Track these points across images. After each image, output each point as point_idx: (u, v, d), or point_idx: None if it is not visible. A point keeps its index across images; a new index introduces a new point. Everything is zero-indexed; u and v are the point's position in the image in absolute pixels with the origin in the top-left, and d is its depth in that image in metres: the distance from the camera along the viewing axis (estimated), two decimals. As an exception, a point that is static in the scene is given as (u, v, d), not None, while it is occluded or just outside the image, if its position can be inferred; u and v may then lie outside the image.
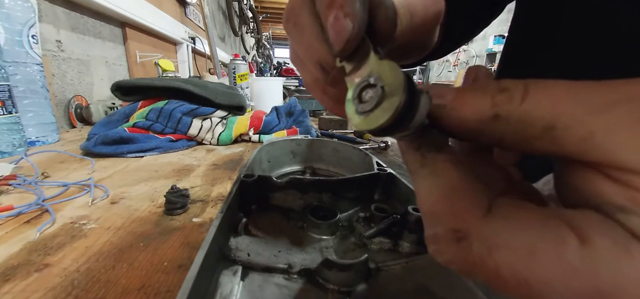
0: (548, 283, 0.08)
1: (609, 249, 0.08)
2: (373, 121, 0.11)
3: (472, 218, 0.10)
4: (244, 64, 1.23)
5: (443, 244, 0.10)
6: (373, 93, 0.11)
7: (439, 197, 0.10)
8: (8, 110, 0.55)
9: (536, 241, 0.08)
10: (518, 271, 0.09)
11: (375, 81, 0.11)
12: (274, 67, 5.47)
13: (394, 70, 0.11)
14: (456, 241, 0.10)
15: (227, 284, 0.20)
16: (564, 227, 0.08)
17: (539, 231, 0.09)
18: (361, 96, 0.11)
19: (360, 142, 0.82)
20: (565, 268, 0.08)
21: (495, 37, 4.98)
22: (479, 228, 0.09)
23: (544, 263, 0.08)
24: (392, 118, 0.10)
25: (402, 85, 0.10)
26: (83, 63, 1.02)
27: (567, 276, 0.08)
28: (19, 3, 0.61)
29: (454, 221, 0.10)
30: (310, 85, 0.17)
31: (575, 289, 0.08)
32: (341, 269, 0.21)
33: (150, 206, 0.38)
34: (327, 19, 0.13)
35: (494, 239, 0.09)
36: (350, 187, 0.33)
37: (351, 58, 0.13)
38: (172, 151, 0.67)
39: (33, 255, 0.27)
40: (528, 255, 0.08)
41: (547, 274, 0.08)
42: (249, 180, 0.29)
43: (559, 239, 0.08)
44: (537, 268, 0.08)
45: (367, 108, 0.11)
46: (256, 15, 4.01)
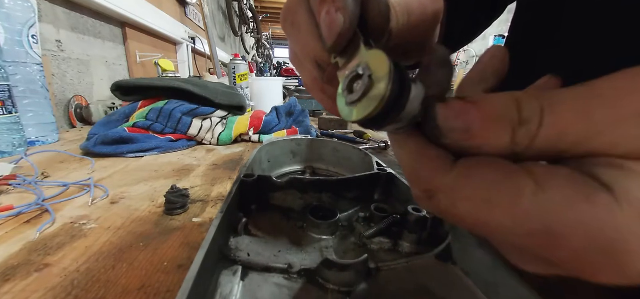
0: (504, 225, 0.09)
1: (563, 193, 0.09)
2: (360, 111, 0.10)
3: (436, 179, 0.11)
4: (244, 64, 1.23)
5: (421, 201, 0.12)
6: (361, 83, 0.11)
7: (407, 166, 0.12)
8: (8, 110, 0.55)
9: (492, 192, 0.09)
10: (478, 218, 0.10)
11: (363, 71, 0.11)
12: (274, 67, 5.47)
13: (380, 57, 0.10)
14: (428, 198, 0.11)
15: (227, 284, 0.20)
16: (523, 176, 0.09)
17: (497, 182, 0.09)
18: (351, 87, 0.11)
19: (360, 142, 0.82)
20: (518, 212, 0.09)
21: (495, 37, 4.98)
22: (443, 186, 0.11)
23: (499, 210, 0.09)
24: (378, 108, 0.10)
25: (388, 72, 0.10)
26: (83, 63, 1.02)
27: (520, 219, 0.09)
28: (19, 3, 0.61)
29: (423, 183, 0.11)
30: (309, 85, 0.17)
31: (527, 229, 0.09)
32: (341, 269, 0.21)
33: (150, 206, 0.38)
34: (320, 15, 0.13)
35: (456, 193, 0.10)
36: (350, 187, 0.33)
37: (344, 53, 0.13)
38: (172, 151, 0.67)
39: (33, 255, 0.27)
40: (485, 205, 0.10)
41: (502, 219, 0.09)
42: (249, 180, 0.29)
43: (515, 188, 0.09)
44: (493, 214, 0.09)
45: (355, 98, 0.11)
46: (256, 15, 4.01)
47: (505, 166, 0.10)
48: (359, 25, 0.13)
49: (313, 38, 0.14)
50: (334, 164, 0.47)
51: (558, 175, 0.09)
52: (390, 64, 0.10)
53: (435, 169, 0.11)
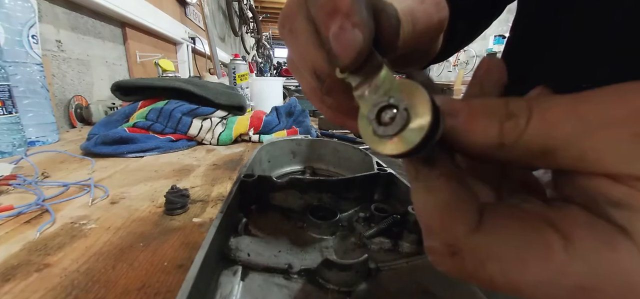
0: (538, 285, 0.09)
1: (590, 245, 0.08)
2: (399, 145, 0.10)
3: (463, 234, 0.10)
4: (244, 64, 1.23)
5: (439, 256, 0.11)
6: (395, 115, 0.10)
7: (431, 213, 0.11)
8: (8, 110, 0.55)
9: (524, 249, 0.09)
10: (510, 278, 0.09)
11: (396, 102, 0.10)
12: (274, 67, 5.47)
13: (417, 90, 0.10)
14: (450, 255, 0.10)
15: (227, 284, 0.20)
16: (548, 230, 0.09)
17: (526, 239, 0.09)
18: (380, 117, 0.11)
19: (360, 142, 0.82)
20: (552, 270, 0.09)
21: (495, 37, 4.98)
22: (470, 243, 0.10)
23: (532, 268, 0.09)
24: (420, 143, 0.09)
25: (430, 108, 0.09)
26: (83, 63, 1.02)
27: (555, 277, 0.09)
28: (19, 3, 0.61)
29: (446, 236, 0.10)
30: (308, 93, 0.17)
31: (563, 288, 0.09)
32: (341, 269, 0.21)
33: (150, 206, 0.38)
34: (329, 28, 0.12)
35: (485, 252, 0.10)
36: (350, 187, 0.33)
37: (357, 71, 0.12)
38: (172, 151, 0.67)
39: (33, 255, 0.27)
40: (518, 263, 0.09)
41: (537, 278, 0.09)
42: (249, 180, 0.29)
43: (545, 244, 0.09)
44: (527, 273, 0.09)
45: (390, 132, 0.10)
46: (256, 15, 4.01)
47: (530, 219, 0.10)
48: None
49: (312, 47, 0.13)
50: (334, 164, 0.47)
51: (579, 223, 0.09)
52: (430, 98, 0.09)
53: (463, 222, 0.10)
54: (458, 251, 0.10)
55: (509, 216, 0.10)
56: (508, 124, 0.09)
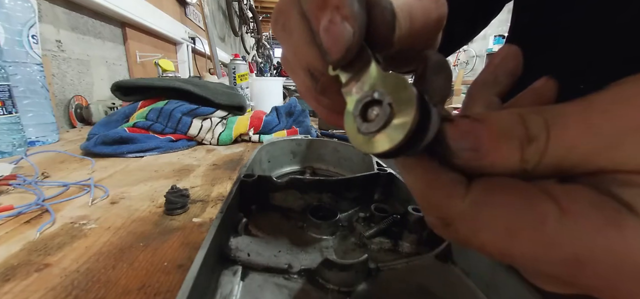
0: (529, 255, 0.09)
1: (592, 219, 0.08)
2: (383, 143, 0.09)
3: (451, 206, 0.10)
4: (244, 64, 1.23)
5: (437, 228, 0.11)
6: (379, 111, 0.10)
7: (419, 193, 0.11)
8: (8, 110, 0.55)
9: (514, 220, 0.09)
10: (501, 247, 0.09)
11: (380, 97, 0.10)
12: (274, 67, 5.47)
13: (402, 85, 0.09)
14: (445, 226, 0.11)
15: (227, 284, 0.20)
16: (545, 201, 0.09)
17: (518, 209, 0.09)
18: (365, 113, 0.10)
19: (360, 142, 0.82)
20: (544, 241, 0.09)
21: (495, 37, 4.98)
22: (460, 214, 0.10)
23: (523, 239, 0.09)
24: (402, 141, 0.09)
25: (414, 103, 0.09)
26: (83, 63, 1.02)
27: (546, 248, 0.09)
28: (19, 3, 0.61)
29: (437, 211, 0.11)
30: (303, 92, 0.16)
31: (555, 258, 0.09)
32: (341, 269, 0.21)
33: (150, 206, 0.38)
34: (319, 22, 0.11)
35: (476, 222, 0.10)
36: (350, 187, 0.33)
37: (348, 67, 0.12)
38: (172, 151, 0.67)
39: (33, 255, 0.27)
40: (508, 234, 0.09)
41: (527, 249, 0.09)
42: (249, 180, 0.29)
43: (538, 215, 0.09)
44: (517, 244, 0.09)
45: (373, 129, 0.10)
46: (256, 15, 4.01)
47: (524, 189, 0.09)
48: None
49: (305, 45, 0.13)
50: (334, 164, 0.47)
51: (580, 198, 0.09)
52: (416, 92, 0.09)
53: (450, 195, 0.10)
54: (450, 222, 0.10)
55: (502, 186, 0.10)
56: (529, 148, 0.09)
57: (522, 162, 0.09)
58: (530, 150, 0.09)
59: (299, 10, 0.13)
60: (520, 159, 0.09)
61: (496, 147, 0.09)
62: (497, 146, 0.09)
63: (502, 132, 0.09)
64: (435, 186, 0.10)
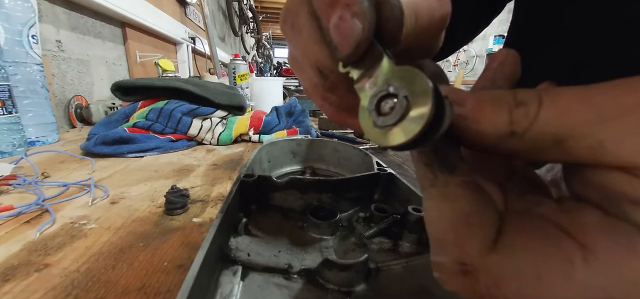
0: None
1: (611, 253, 0.08)
2: (397, 136, 0.09)
3: (479, 251, 0.09)
4: (244, 64, 1.23)
5: (448, 274, 0.10)
6: (395, 104, 0.10)
7: (447, 226, 0.10)
8: (8, 110, 0.55)
9: (542, 266, 0.08)
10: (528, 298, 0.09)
11: (395, 90, 0.10)
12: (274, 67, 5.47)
13: (418, 77, 0.09)
14: (462, 273, 0.10)
15: (227, 284, 0.20)
16: (566, 241, 0.08)
17: (544, 254, 0.08)
18: (380, 107, 0.10)
19: (360, 142, 0.82)
20: (574, 287, 0.08)
21: (495, 37, 4.98)
22: (486, 262, 0.09)
23: (552, 286, 0.08)
24: (420, 133, 0.09)
25: (430, 94, 0.09)
26: (83, 63, 1.02)
27: (578, 295, 0.08)
28: (19, 3, 0.61)
29: (461, 254, 0.10)
30: (309, 90, 0.16)
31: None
32: (341, 269, 0.21)
33: (150, 206, 0.38)
34: (330, 19, 0.12)
35: (501, 271, 0.09)
36: (350, 187, 0.32)
37: (358, 64, 0.12)
38: (172, 151, 0.67)
39: (33, 255, 0.27)
40: (536, 282, 0.08)
41: (558, 295, 0.08)
42: (249, 180, 0.29)
43: (564, 257, 0.08)
44: (547, 292, 0.08)
45: (390, 122, 0.10)
46: (256, 15, 4.01)
47: (546, 229, 0.09)
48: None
49: (315, 43, 0.13)
50: (334, 164, 0.47)
51: (595, 227, 0.08)
52: (431, 84, 0.09)
53: (481, 239, 0.09)
54: (471, 270, 0.09)
55: (526, 228, 0.09)
56: (518, 111, 0.09)
57: (510, 124, 0.09)
58: (518, 112, 0.09)
59: (309, 8, 0.13)
60: (509, 121, 0.09)
61: (482, 108, 0.09)
62: (483, 107, 0.09)
63: (489, 97, 0.09)
64: (471, 222, 0.09)
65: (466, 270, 0.09)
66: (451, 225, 0.10)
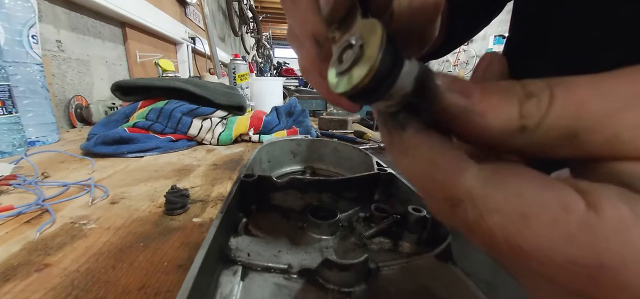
0: (541, 248, 0.08)
1: (623, 218, 0.07)
2: (349, 80, 0.10)
3: (460, 182, 0.09)
4: (244, 64, 1.23)
5: (443, 213, 0.10)
6: (351, 52, 0.10)
7: (420, 175, 0.10)
8: (8, 110, 0.55)
9: (530, 204, 0.08)
10: (511, 236, 0.08)
11: (355, 40, 0.10)
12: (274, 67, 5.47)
13: (373, 26, 0.09)
14: (452, 207, 0.09)
15: (227, 284, 0.20)
16: (570, 192, 0.08)
17: (535, 194, 0.08)
18: (341, 57, 0.11)
19: (360, 142, 0.82)
20: (562, 236, 0.07)
21: (495, 37, 4.98)
22: (470, 192, 0.09)
23: (538, 228, 0.08)
24: (368, 76, 0.09)
25: (380, 40, 0.09)
26: (83, 63, 1.02)
27: (566, 244, 0.07)
28: (19, 3, 0.61)
29: (442, 190, 0.10)
30: (307, 67, 0.17)
31: (575, 258, 0.07)
32: (341, 269, 0.21)
33: (150, 206, 0.38)
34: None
35: (486, 203, 0.09)
36: (350, 187, 0.32)
37: (341, 25, 0.12)
38: (172, 151, 0.67)
39: (33, 255, 0.27)
40: (521, 220, 0.08)
41: (542, 241, 0.08)
42: (249, 180, 0.29)
43: (560, 204, 0.08)
44: (531, 233, 0.08)
45: (344, 68, 0.10)
46: (256, 15, 4.01)
47: (544, 177, 0.08)
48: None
49: (312, 12, 0.13)
50: (334, 164, 0.47)
51: (611, 192, 0.08)
52: (383, 32, 0.09)
53: (458, 170, 0.09)
54: (459, 201, 0.09)
55: (516, 169, 0.09)
56: (529, 104, 0.08)
57: (521, 118, 0.08)
58: (530, 105, 0.08)
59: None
60: (519, 115, 0.08)
61: (489, 100, 0.09)
62: (490, 98, 0.09)
63: (496, 88, 0.09)
64: (442, 160, 0.09)
65: (454, 202, 0.09)
66: (423, 173, 0.10)
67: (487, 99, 0.09)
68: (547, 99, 0.08)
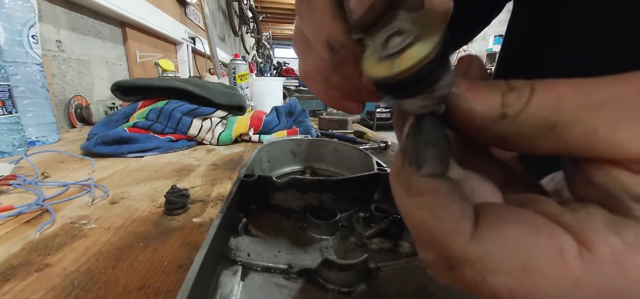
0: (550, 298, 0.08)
1: (616, 251, 0.07)
2: (399, 63, 0.09)
3: (459, 244, 0.09)
4: (244, 64, 1.23)
5: (437, 270, 0.10)
6: (403, 37, 0.09)
7: (418, 220, 0.10)
8: (8, 110, 0.55)
9: (530, 257, 0.08)
10: (517, 293, 0.08)
11: (408, 25, 0.09)
12: (274, 67, 5.47)
13: (431, 16, 0.09)
14: (448, 268, 0.09)
15: (227, 284, 0.20)
16: (560, 233, 0.08)
17: (533, 243, 0.08)
18: (388, 43, 0.10)
19: (360, 142, 0.82)
20: (566, 281, 0.08)
21: (495, 37, 4.99)
22: (468, 254, 0.09)
23: (542, 280, 0.08)
24: (422, 62, 0.09)
25: (442, 29, 0.09)
26: (83, 63, 1.02)
27: (571, 289, 0.08)
28: (19, 3, 0.61)
29: (441, 249, 0.09)
30: (312, 73, 0.16)
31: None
32: (341, 269, 0.21)
33: (150, 206, 0.38)
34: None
35: (486, 263, 0.08)
36: (350, 187, 0.32)
37: (372, 27, 0.11)
38: (172, 151, 0.67)
39: (33, 255, 0.27)
40: (524, 275, 0.08)
41: (548, 291, 0.08)
42: (249, 180, 0.29)
43: (556, 250, 0.08)
44: (536, 286, 0.08)
45: (393, 51, 0.09)
46: (256, 15, 4.01)
47: (533, 217, 0.09)
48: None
49: (329, 17, 0.13)
50: (334, 164, 0.47)
51: (597, 223, 0.08)
52: (444, 24, 0.09)
53: (457, 230, 0.09)
54: (456, 264, 0.09)
55: (512, 218, 0.09)
56: (510, 95, 0.09)
57: (503, 106, 0.09)
58: (511, 96, 0.09)
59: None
60: (501, 103, 0.09)
61: (475, 88, 0.09)
62: (477, 87, 0.09)
63: (483, 83, 0.10)
64: (444, 215, 0.09)
65: (451, 264, 0.09)
66: (422, 219, 0.09)
67: (474, 89, 0.10)
68: (527, 92, 0.09)
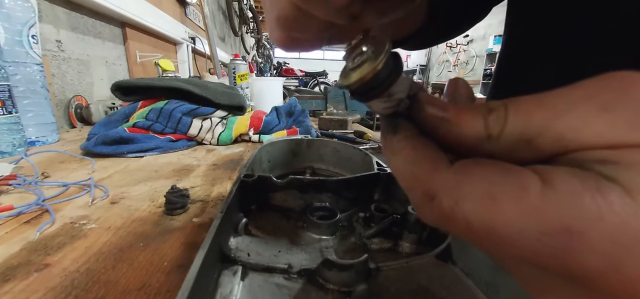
0: (513, 225, 0.09)
1: (575, 188, 0.08)
2: (358, 73, 0.12)
3: (435, 177, 0.11)
4: (244, 64, 1.23)
5: (422, 208, 0.12)
6: (363, 55, 0.13)
7: (404, 170, 0.12)
8: (8, 110, 0.55)
9: (497, 187, 0.09)
10: (484, 219, 0.09)
11: (366, 48, 0.13)
12: (274, 67, 5.47)
13: (383, 41, 0.12)
14: (429, 200, 0.11)
15: (227, 284, 0.20)
16: (527, 173, 0.09)
17: (500, 178, 0.09)
18: (354, 58, 0.13)
19: (360, 142, 0.82)
20: (527, 209, 0.09)
21: (495, 37, 4.99)
22: (444, 184, 0.11)
23: (506, 205, 0.09)
24: (369, 74, 0.12)
25: (385, 51, 0.12)
26: (83, 63, 1.02)
27: (532, 216, 0.08)
28: (19, 3, 0.61)
29: (422, 185, 0.11)
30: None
31: (542, 228, 0.08)
32: (341, 269, 0.21)
33: (150, 206, 0.38)
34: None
35: (459, 191, 0.10)
36: (350, 187, 0.33)
37: (350, 54, 0.14)
38: (172, 151, 0.67)
39: (33, 255, 0.27)
40: (490, 201, 0.09)
41: (511, 217, 0.09)
42: (249, 180, 0.29)
43: (520, 183, 0.09)
44: (500, 212, 0.09)
45: (356, 64, 0.12)
46: (256, 15, 4.01)
47: (505, 164, 0.10)
48: None
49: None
50: (334, 164, 0.47)
51: (561, 170, 0.09)
52: (389, 45, 0.12)
53: (435, 168, 0.11)
54: (434, 194, 0.11)
55: (482, 161, 0.10)
56: (490, 117, 0.10)
57: (486, 128, 0.10)
58: (491, 118, 0.10)
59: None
60: (485, 126, 0.10)
61: (461, 114, 0.11)
62: (462, 114, 0.11)
63: (466, 107, 0.11)
64: (421, 160, 0.11)
65: (430, 196, 0.11)
66: (406, 169, 0.12)
67: (460, 114, 0.11)
68: (503, 112, 0.10)
